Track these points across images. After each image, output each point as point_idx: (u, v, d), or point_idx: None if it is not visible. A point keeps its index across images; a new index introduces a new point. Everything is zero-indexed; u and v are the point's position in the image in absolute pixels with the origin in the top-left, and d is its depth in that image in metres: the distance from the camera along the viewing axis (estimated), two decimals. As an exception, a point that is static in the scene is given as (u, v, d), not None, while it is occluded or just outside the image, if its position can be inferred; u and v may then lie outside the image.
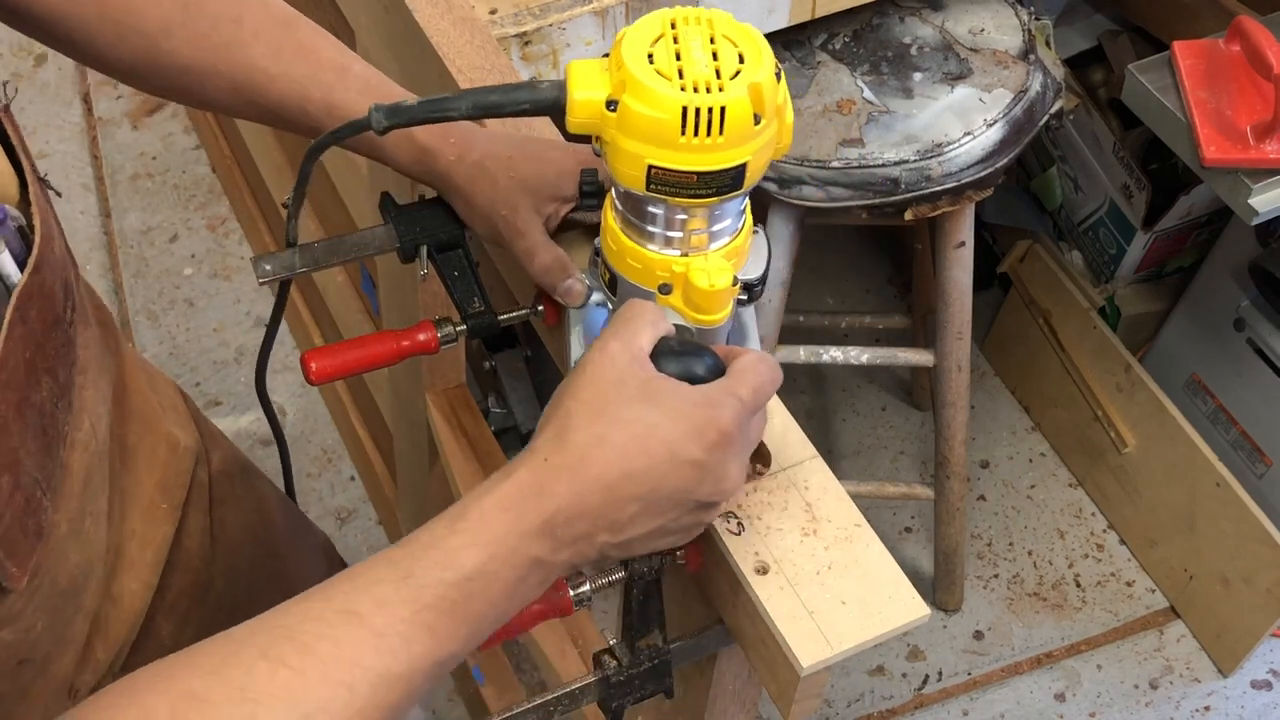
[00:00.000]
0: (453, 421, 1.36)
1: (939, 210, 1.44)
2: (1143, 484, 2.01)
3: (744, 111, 0.65)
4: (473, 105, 0.71)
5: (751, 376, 0.68)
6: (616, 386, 0.65)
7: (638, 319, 0.68)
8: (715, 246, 0.73)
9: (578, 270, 0.85)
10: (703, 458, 0.65)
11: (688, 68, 0.66)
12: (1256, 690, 1.94)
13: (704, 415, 0.65)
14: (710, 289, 0.71)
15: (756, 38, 0.68)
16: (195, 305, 2.30)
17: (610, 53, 0.69)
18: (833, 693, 1.91)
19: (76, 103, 2.56)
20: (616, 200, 0.74)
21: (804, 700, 0.82)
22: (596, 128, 0.68)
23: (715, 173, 0.67)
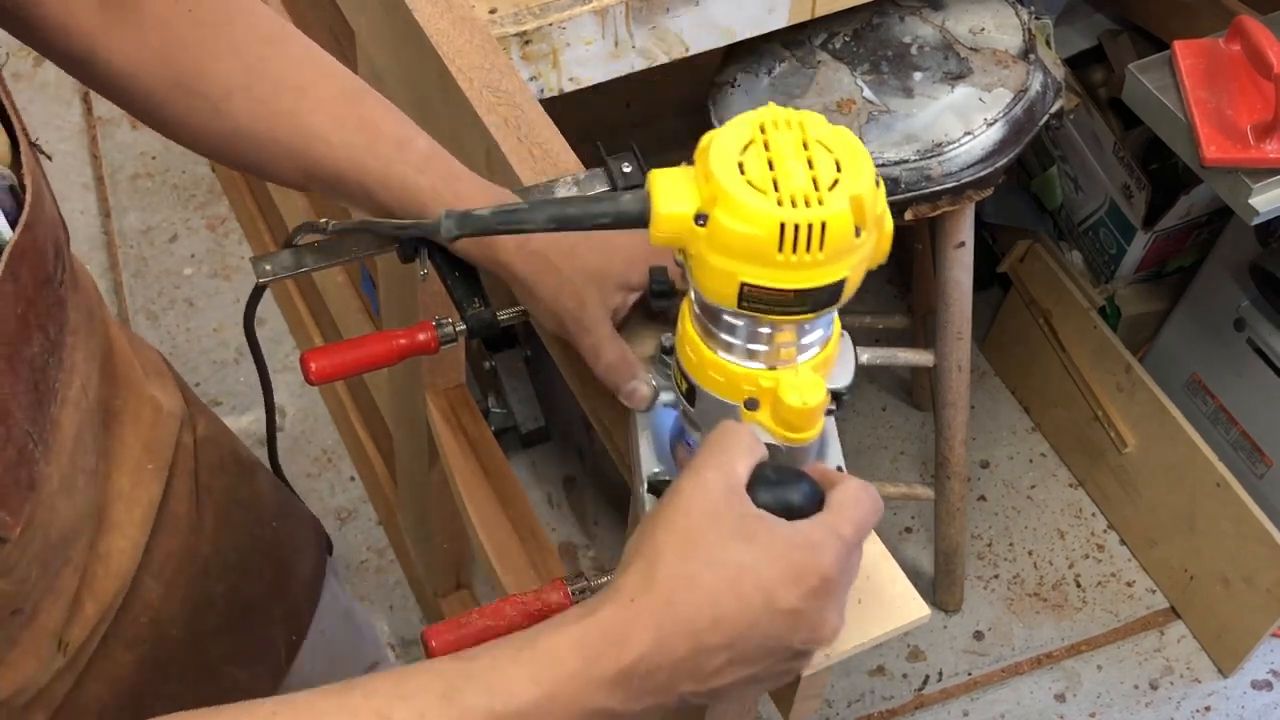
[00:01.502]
0: (453, 421, 1.36)
1: (939, 210, 1.44)
2: (1143, 484, 2.01)
3: (845, 226, 0.61)
4: (549, 219, 0.67)
5: (854, 511, 0.64)
6: (711, 523, 0.61)
7: (734, 447, 0.63)
8: (804, 358, 0.69)
9: (644, 370, 0.81)
10: (800, 605, 0.61)
11: (783, 179, 0.62)
12: (1257, 690, 1.94)
13: (804, 558, 0.61)
14: (803, 407, 0.67)
15: (853, 142, 0.64)
16: (195, 305, 2.30)
17: (695, 160, 0.65)
18: (833, 693, 1.91)
19: (76, 102, 2.56)
20: (697, 309, 0.69)
21: (804, 700, 0.82)
22: (683, 241, 0.64)
23: (814, 290, 0.63)
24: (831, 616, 0.63)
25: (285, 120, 0.83)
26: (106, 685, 0.85)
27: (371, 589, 1.99)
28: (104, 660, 0.85)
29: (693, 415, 0.74)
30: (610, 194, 0.68)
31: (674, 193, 0.64)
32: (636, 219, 0.65)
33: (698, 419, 0.73)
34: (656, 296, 0.80)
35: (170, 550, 0.90)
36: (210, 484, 0.95)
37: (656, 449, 0.79)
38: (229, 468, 0.98)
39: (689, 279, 0.67)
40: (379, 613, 1.97)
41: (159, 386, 0.92)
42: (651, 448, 0.79)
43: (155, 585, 0.89)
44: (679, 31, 1.28)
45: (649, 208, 0.64)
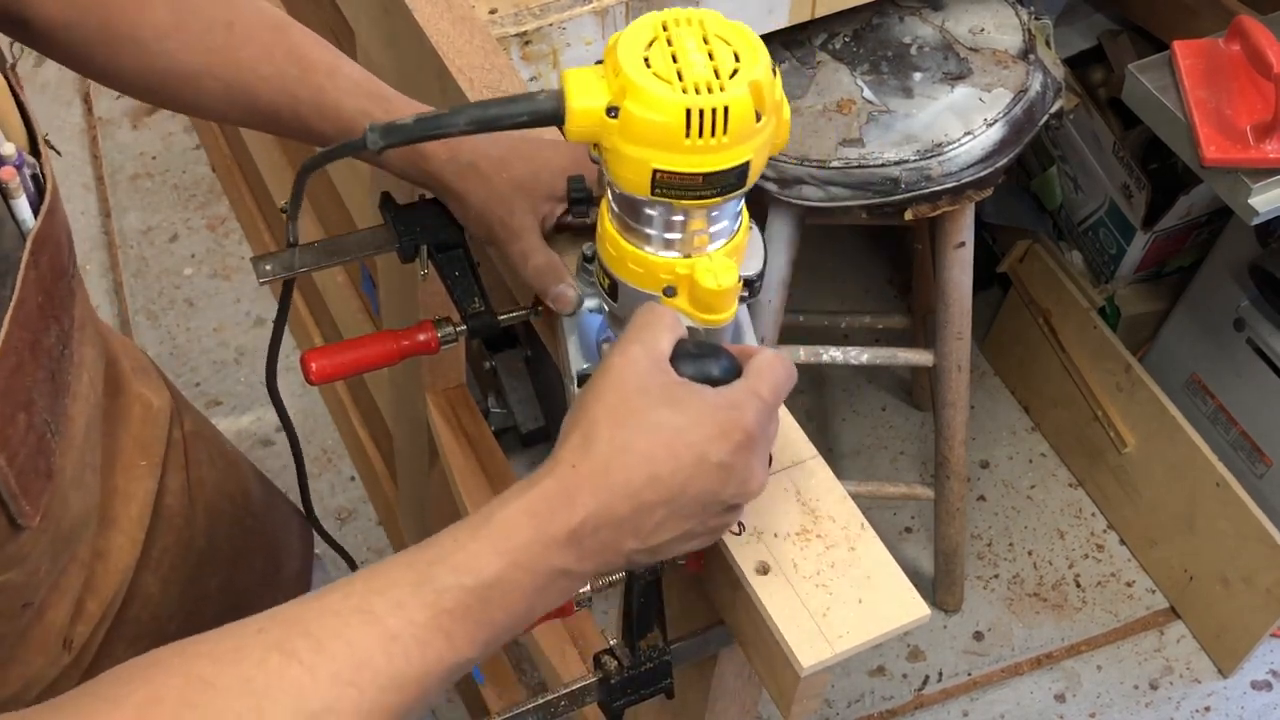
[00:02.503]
0: (453, 421, 1.36)
1: (939, 210, 1.44)
2: (1143, 484, 2.01)
3: (746, 110, 0.65)
4: (470, 120, 0.70)
5: (769, 375, 0.68)
6: (640, 392, 0.65)
7: (657, 323, 0.67)
8: (716, 246, 0.73)
9: (569, 275, 0.84)
10: (728, 459, 0.65)
11: (686, 69, 0.66)
12: (1256, 691, 1.94)
13: (728, 417, 0.65)
14: (718, 288, 0.71)
15: (749, 35, 0.68)
16: (195, 305, 2.30)
17: (604, 59, 0.68)
18: (833, 693, 1.91)
19: (76, 103, 2.56)
20: (614, 205, 0.73)
21: (804, 701, 0.82)
22: (597, 135, 0.68)
23: (720, 173, 0.67)
24: (757, 470, 0.67)
25: (217, 56, 0.85)
26: None
27: (371, 589, 1.99)
28: (107, 658, 0.86)
29: (616, 310, 0.78)
30: (527, 94, 0.70)
31: (586, 89, 0.67)
32: (552, 116, 0.68)
33: (620, 313, 0.77)
34: (575, 203, 0.85)
35: (166, 545, 0.90)
36: (201, 478, 0.96)
37: (584, 349, 0.84)
38: (217, 462, 0.99)
39: (605, 173, 0.70)
40: (379, 613, 1.97)
41: (146, 384, 0.93)
42: (579, 348, 0.84)
43: (153, 580, 0.89)
44: (679, 32, 1.28)
45: (563, 104, 0.68)
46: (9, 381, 0.67)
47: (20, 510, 0.71)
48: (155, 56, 0.85)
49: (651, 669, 0.80)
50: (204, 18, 0.85)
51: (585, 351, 0.84)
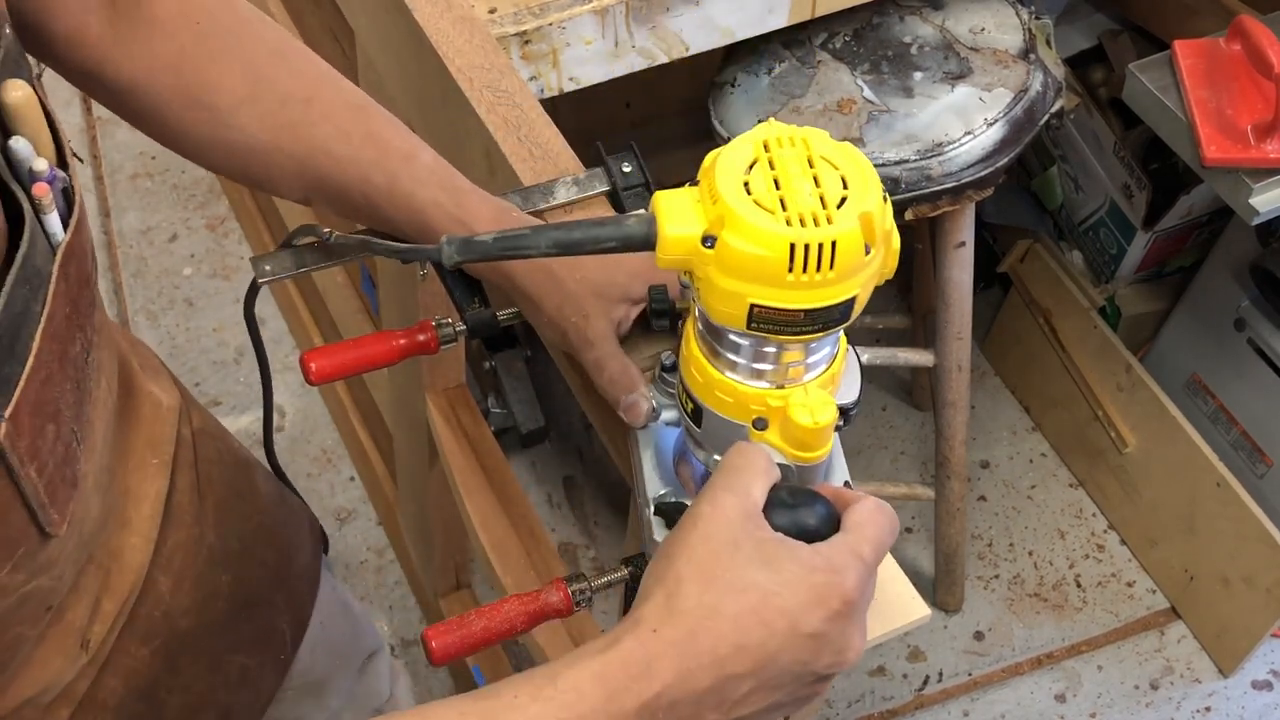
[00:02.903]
0: (453, 421, 1.36)
1: (939, 210, 1.44)
2: (1143, 484, 2.00)
3: (855, 244, 0.61)
4: (552, 243, 0.66)
5: (872, 531, 0.63)
6: (731, 548, 0.60)
7: (750, 469, 0.63)
8: (812, 376, 0.68)
9: (645, 385, 0.80)
10: (824, 629, 0.60)
11: (790, 198, 0.61)
12: (1257, 691, 1.94)
13: (826, 581, 0.60)
14: (814, 426, 0.66)
15: (859, 159, 0.63)
16: (195, 305, 2.30)
17: (700, 180, 0.64)
18: (833, 693, 1.91)
19: (76, 102, 2.56)
20: (703, 329, 0.68)
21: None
22: (690, 264, 0.63)
23: (823, 309, 0.62)
24: (855, 638, 0.62)
25: (291, 132, 0.84)
26: (122, 679, 0.86)
27: (371, 589, 1.99)
28: (120, 655, 0.86)
29: (698, 435, 0.73)
30: (614, 218, 0.66)
31: (679, 214, 0.63)
32: (642, 242, 0.64)
33: (703, 440, 0.73)
34: (656, 315, 0.80)
35: (177, 543, 0.90)
36: (210, 475, 0.96)
37: (660, 469, 0.78)
38: (226, 459, 0.99)
39: (695, 300, 0.66)
40: (379, 613, 1.97)
41: (155, 382, 0.93)
42: (655, 468, 0.78)
43: (165, 579, 0.89)
44: (679, 31, 1.28)
45: (654, 230, 0.64)
46: (39, 394, 0.67)
47: (49, 519, 0.71)
48: (228, 128, 0.83)
49: (652, 670, 0.80)
50: (281, 92, 0.83)
51: (662, 473, 0.78)
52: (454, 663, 0.87)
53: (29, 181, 0.68)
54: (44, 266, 0.68)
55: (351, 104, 0.86)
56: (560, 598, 0.78)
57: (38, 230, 0.67)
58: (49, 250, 0.69)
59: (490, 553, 1.29)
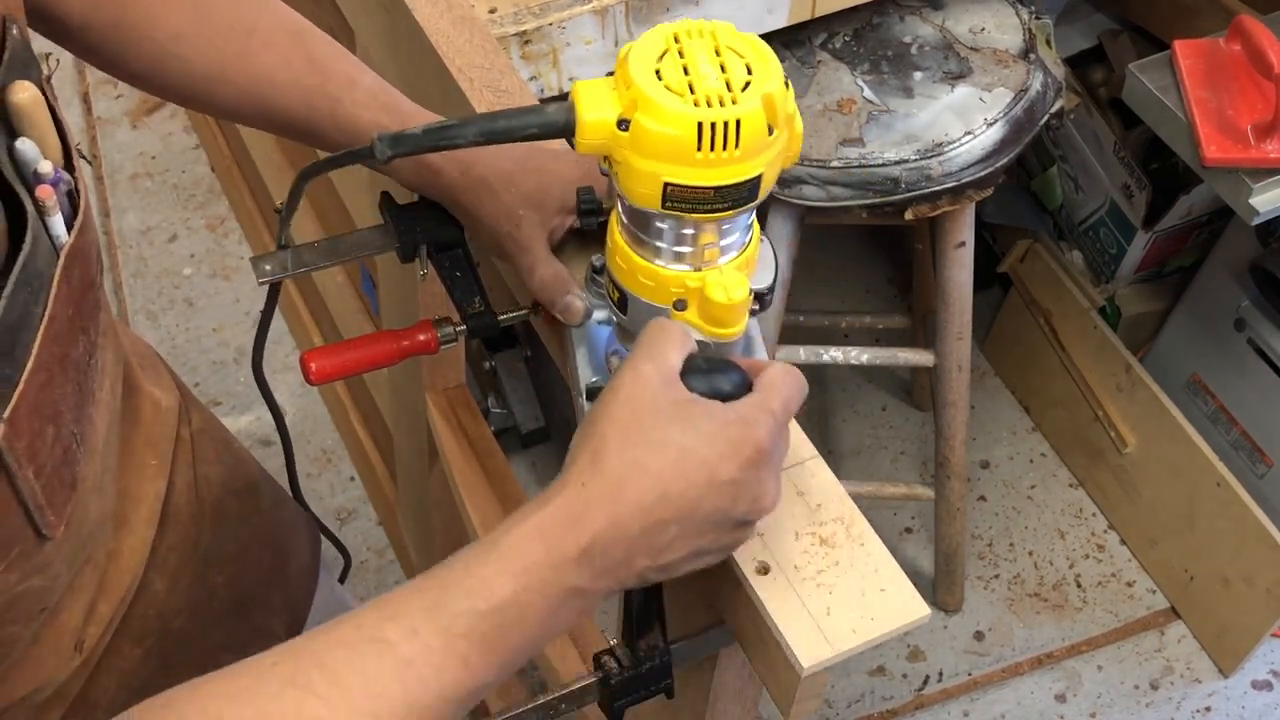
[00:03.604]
0: (453, 421, 1.36)
1: (939, 210, 1.44)
2: (1143, 484, 2.00)
3: (758, 123, 0.65)
4: (479, 132, 0.69)
5: (781, 389, 0.68)
6: (651, 410, 0.65)
7: (666, 339, 0.67)
8: (727, 259, 0.72)
9: (577, 287, 0.84)
10: (740, 476, 0.65)
11: (698, 82, 0.65)
12: (1257, 690, 1.94)
13: (739, 434, 0.65)
14: (728, 302, 0.71)
15: (761, 47, 0.67)
16: (195, 305, 2.30)
17: (615, 71, 0.68)
18: (833, 693, 1.91)
19: (76, 102, 2.56)
20: (624, 218, 0.73)
21: (805, 701, 0.82)
22: (607, 148, 0.67)
23: (731, 186, 0.66)
24: (769, 485, 0.67)
25: (234, 62, 0.85)
26: (116, 679, 0.86)
27: (371, 589, 1.99)
28: (114, 656, 0.86)
29: (625, 324, 0.77)
30: (537, 106, 0.70)
31: (597, 101, 0.67)
32: (563, 128, 0.68)
33: (630, 326, 0.76)
34: (584, 215, 0.84)
35: (172, 543, 0.90)
36: (208, 476, 0.96)
37: (592, 362, 0.83)
38: (224, 459, 0.99)
39: (615, 186, 0.69)
40: (379, 613, 1.97)
41: (154, 381, 0.93)
42: (588, 360, 0.83)
43: (160, 579, 0.89)
44: (679, 31, 1.28)
45: (574, 117, 0.67)
46: (39, 396, 0.67)
47: (46, 521, 0.71)
48: (171, 58, 0.85)
49: (651, 669, 0.80)
50: (223, 22, 0.85)
51: (594, 364, 0.83)
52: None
53: (34, 183, 0.68)
54: (46, 269, 0.68)
55: (292, 30, 0.87)
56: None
57: (41, 232, 0.67)
58: (52, 252, 0.69)
59: (490, 553, 1.28)
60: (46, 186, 0.68)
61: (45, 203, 0.68)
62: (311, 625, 1.09)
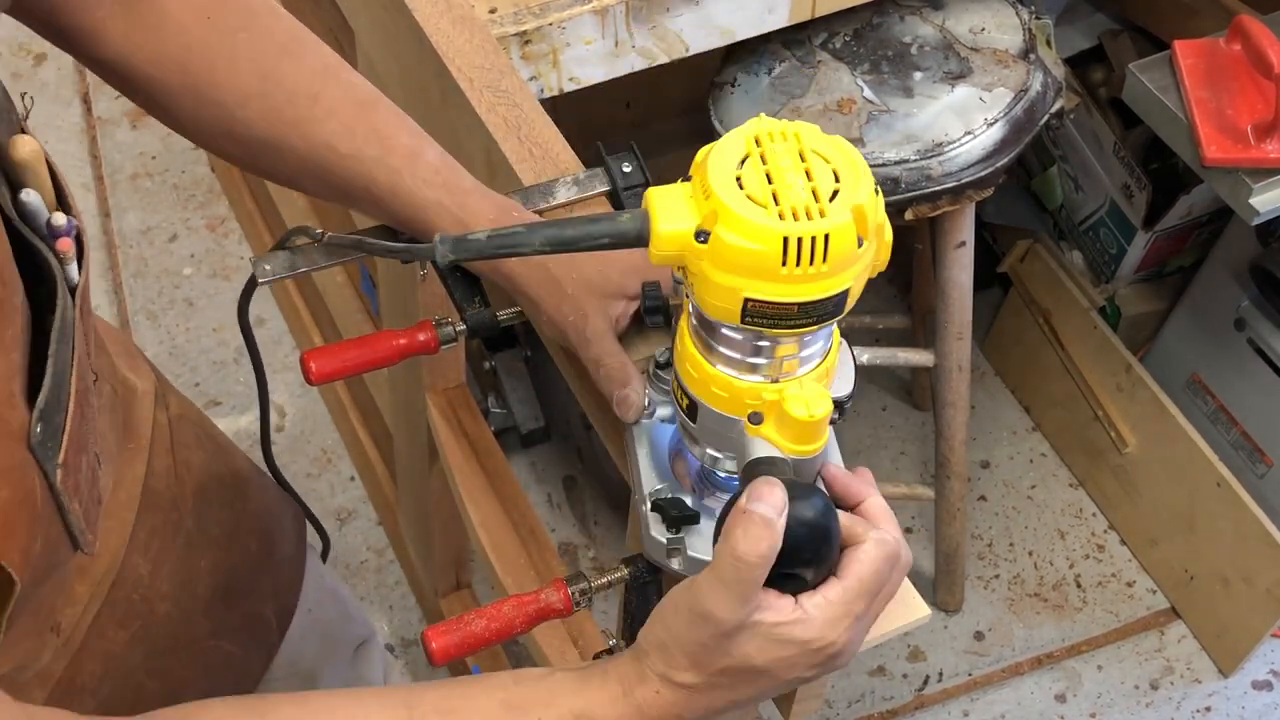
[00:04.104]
0: (453, 421, 1.36)
1: (939, 210, 1.44)
2: (1143, 484, 2.00)
3: (848, 237, 0.61)
4: (546, 241, 0.66)
5: (868, 576, 0.66)
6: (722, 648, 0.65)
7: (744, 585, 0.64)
8: (807, 369, 0.68)
9: (639, 381, 0.81)
10: (812, 676, 0.68)
11: (783, 193, 0.61)
12: (1257, 691, 1.94)
13: (814, 649, 0.66)
14: (810, 419, 0.66)
15: (849, 151, 0.64)
16: (195, 305, 2.30)
17: (692, 175, 0.64)
18: (833, 693, 1.91)
19: (76, 102, 2.56)
20: (697, 324, 0.69)
21: (805, 701, 0.82)
22: (683, 259, 0.64)
23: (817, 302, 0.62)
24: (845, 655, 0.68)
25: (296, 129, 0.84)
26: (100, 662, 0.87)
27: (371, 589, 1.99)
28: (98, 638, 0.86)
29: (693, 431, 0.73)
30: (608, 215, 0.66)
31: (673, 210, 0.63)
32: (635, 239, 0.65)
33: (699, 435, 0.73)
34: (649, 312, 0.80)
35: (154, 527, 0.91)
36: (188, 460, 0.96)
37: (656, 466, 0.79)
38: (205, 444, 0.99)
39: (689, 296, 0.66)
40: (379, 613, 1.97)
41: (130, 366, 0.93)
42: (651, 464, 0.79)
43: (143, 562, 0.90)
44: (679, 31, 1.28)
45: (648, 227, 0.64)
46: (78, 435, 0.69)
47: (86, 541, 0.73)
48: (235, 121, 0.84)
49: (652, 670, 0.80)
50: (289, 88, 0.84)
51: (658, 468, 0.79)
52: (453, 662, 0.87)
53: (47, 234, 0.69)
54: (72, 317, 0.69)
55: (358, 100, 0.86)
56: (560, 597, 0.79)
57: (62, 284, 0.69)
58: (70, 299, 0.70)
59: (490, 553, 1.29)
60: (66, 239, 0.70)
61: (66, 255, 0.69)
62: (303, 612, 1.09)
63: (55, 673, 0.83)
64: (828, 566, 0.66)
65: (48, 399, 0.65)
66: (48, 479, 0.66)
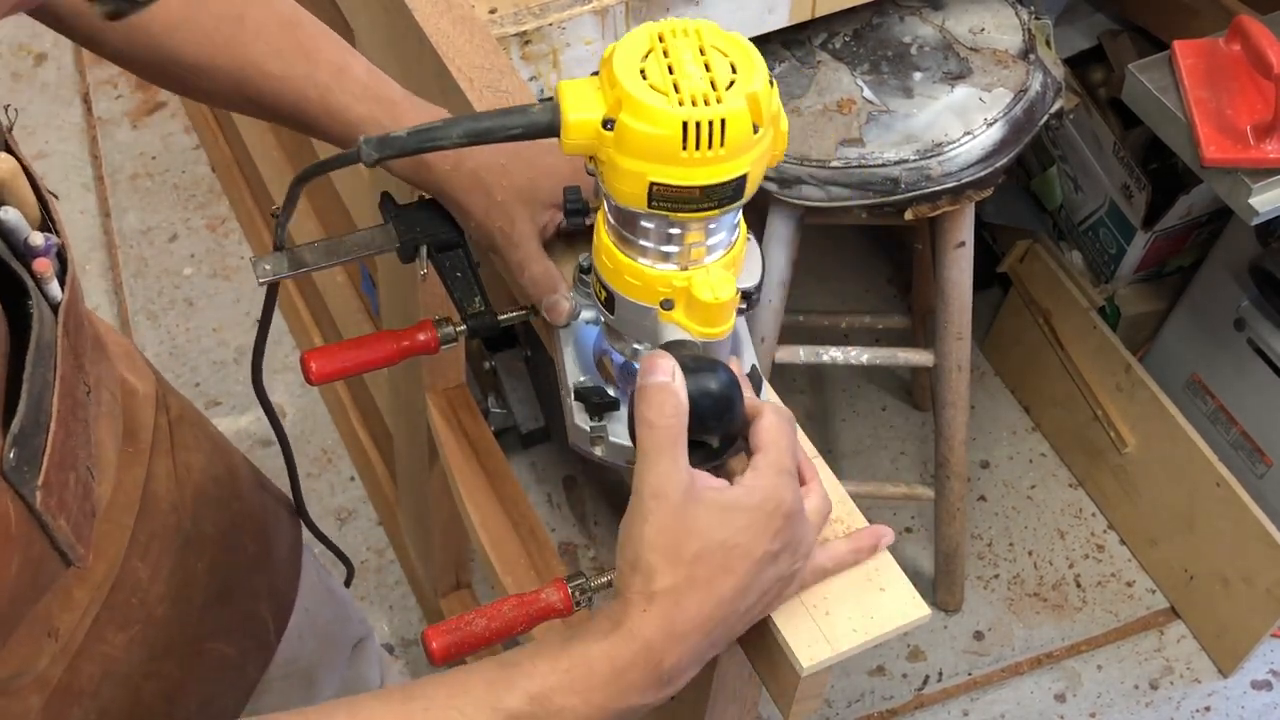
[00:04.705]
0: (453, 421, 1.36)
1: (939, 210, 1.44)
2: (1143, 484, 2.00)
3: (744, 122, 0.65)
4: (463, 133, 0.70)
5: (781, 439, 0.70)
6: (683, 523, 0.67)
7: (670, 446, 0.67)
8: (714, 258, 0.73)
9: (565, 286, 0.84)
10: (780, 544, 0.69)
11: (683, 81, 0.65)
12: (1257, 690, 1.94)
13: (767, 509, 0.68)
14: (715, 302, 0.71)
15: (746, 46, 0.68)
16: (195, 305, 2.30)
17: (600, 70, 0.68)
18: (833, 693, 1.91)
19: (76, 102, 2.56)
20: (611, 218, 0.73)
21: (804, 700, 0.82)
22: (593, 148, 0.68)
23: (717, 185, 0.66)
24: (806, 535, 0.71)
25: (225, 51, 0.86)
26: (99, 666, 0.87)
27: (371, 589, 1.99)
28: (96, 642, 0.86)
29: (613, 324, 0.77)
30: (521, 106, 0.70)
31: (582, 101, 0.67)
32: (547, 128, 0.68)
33: (618, 326, 0.77)
34: (571, 214, 0.84)
35: (153, 530, 0.91)
36: (188, 463, 0.96)
37: (581, 361, 0.83)
38: (204, 445, 1.00)
39: (601, 186, 0.69)
40: (379, 613, 1.97)
41: (130, 369, 0.93)
42: (576, 360, 0.84)
43: (142, 566, 0.90)
44: (679, 31, 1.27)
45: (559, 117, 0.67)
46: (62, 454, 0.69)
47: (77, 555, 0.73)
48: (164, 47, 0.86)
49: (652, 669, 0.80)
50: (215, 11, 0.86)
51: (582, 364, 0.84)
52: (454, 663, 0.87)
53: (26, 253, 0.69)
54: (50, 336, 0.69)
55: (283, 18, 0.88)
56: (560, 597, 0.80)
57: (44, 306, 0.69)
58: (52, 318, 0.70)
59: (490, 553, 1.29)
60: (44, 260, 0.69)
61: (44, 275, 0.69)
62: (300, 612, 1.09)
63: (53, 677, 0.83)
64: (735, 434, 0.71)
65: (23, 423, 0.65)
66: (26, 501, 0.67)
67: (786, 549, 0.69)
